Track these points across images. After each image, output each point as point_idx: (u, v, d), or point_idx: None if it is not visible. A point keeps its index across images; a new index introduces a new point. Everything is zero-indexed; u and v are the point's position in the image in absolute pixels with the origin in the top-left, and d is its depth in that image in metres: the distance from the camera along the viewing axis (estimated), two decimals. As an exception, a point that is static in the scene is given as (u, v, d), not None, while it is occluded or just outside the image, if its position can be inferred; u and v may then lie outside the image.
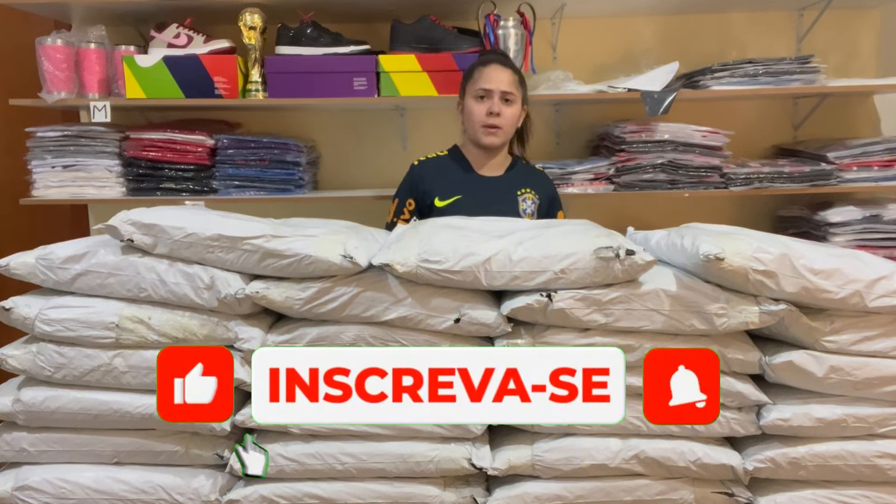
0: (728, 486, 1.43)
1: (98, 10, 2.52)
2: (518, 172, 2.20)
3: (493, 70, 2.08)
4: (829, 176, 2.48)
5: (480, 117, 2.07)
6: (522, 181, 2.17)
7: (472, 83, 2.10)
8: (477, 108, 2.08)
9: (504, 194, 2.13)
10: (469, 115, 2.11)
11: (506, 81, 2.07)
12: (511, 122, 2.10)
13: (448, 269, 1.37)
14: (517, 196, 2.13)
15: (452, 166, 2.17)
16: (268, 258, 1.40)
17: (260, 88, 2.46)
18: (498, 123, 2.06)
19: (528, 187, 2.15)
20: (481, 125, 2.07)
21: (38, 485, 1.46)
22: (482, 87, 2.06)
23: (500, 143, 2.11)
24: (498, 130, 2.08)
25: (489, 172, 2.16)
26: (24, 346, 1.48)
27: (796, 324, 1.38)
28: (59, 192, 2.49)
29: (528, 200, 2.13)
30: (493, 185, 2.14)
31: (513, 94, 2.08)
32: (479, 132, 2.09)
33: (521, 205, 2.13)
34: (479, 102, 2.08)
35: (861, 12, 2.75)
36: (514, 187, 2.15)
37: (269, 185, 2.50)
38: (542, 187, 2.19)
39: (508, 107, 2.08)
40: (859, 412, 1.40)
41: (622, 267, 1.36)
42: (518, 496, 1.41)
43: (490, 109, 2.05)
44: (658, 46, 2.75)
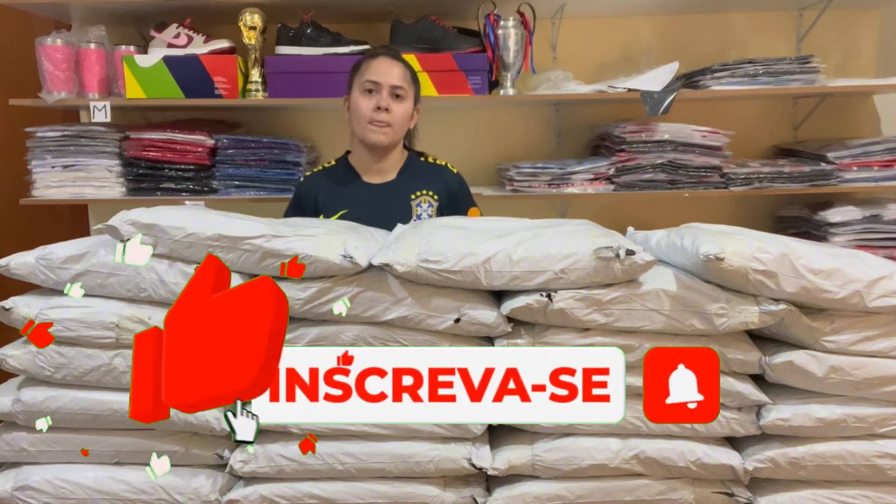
0: (728, 486, 1.43)
1: (98, 10, 2.52)
2: (413, 173, 2.03)
3: (383, 63, 1.95)
4: (829, 176, 2.48)
5: (367, 112, 1.91)
6: (418, 183, 2.01)
7: (360, 76, 1.95)
8: (364, 103, 1.92)
9: (394, 202, 1.97)
10: (355, 109, 1.94)
11: (396, 75, 1.93)
12: (401, 120, 1.95)
13: (448, 269, 1.37)
14: (410, 201, 1.98)
15: (338, 177, 2.02)
16: (268, 258, 1.40)
17: (260, 88, 2.46)
18: (387, 120, 1.91)
19: (423, 189, 2.00)
20: (368, 121, 1.91)
21: (38, 485, 1.46)
22: (370, 80, 1.92)
23: (388, 142, 1.95)
24: (386, 128, 1.92)
25: (378, 178, 2.01)
26: (24, 346, 1.48)
27: (796, 324, 1.38)
28: (59, 192, 2.49)
29: (424, 204, 1.98)
30: (383, 191, 1.98)
31: (403, 90, 1.94)
32: (366, 129, 1.92)
33: (416, 210, 1.98)
34: (366, 97, 1.92)
35: (861, 12, 2.75)
36: (408, 191, 1.99)
37: (269, 185, 2.50)
38: (441, 184, 2.02)
39: (399, 103, 1.93)
40: (859, 412, 1.40)
41: (622, 267, 1.36)
42: (518, 496, 1.41)
43: (378, 104, 1.90)
44: (658, 46, 2.75)
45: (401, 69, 1.97)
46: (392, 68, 1.95)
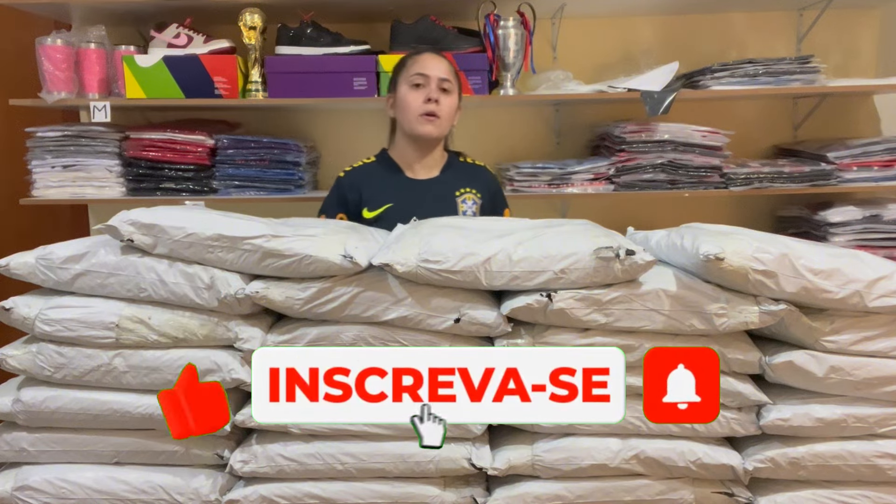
0: (728, 486, 1.43)
1: (98, 10, 2.52)
2: (456, 171, 2.05)
3: (429, 58, 1.98)
4: (829, 176, 2.48)
5: (417, 105, 1.93)
6: (462, 180, 2.03)
7: (406, 71, 1.98)
8: (413, 96, 1.94)
9: (441, 197, 1.99)
10: (404, 104, 1.96)
11: (443, 69, 1.97)
12: (449, 114, 1.97)
13: (448, 269, 1.37)
14: (456, 198, 2.00)
15: (381, 172, 2.03)
16: (268, 258, 1.40)
17: (260, 88, 2.46)
18: (436, 111, 1.93)
19: (468, 187, 2.02)
20: (418, 114, 1.93)
21: (38, 485, 1.46)
22: (418, 73, 1.94)
23: (437, 133, 1.96)
24: (436, 120, 1.94)
25: (423, 174, 2.02)
26: (24, 346, 1.48)
27: (796, 324, 1.38)
28: (59, 192, 2.49)
29: (469, 201, 2.00)
30: (428, 188, 2.00)
31: (450, 83, 1.97)
32: (416, 122, 1.94)
33: (461, 206, 1.99)
34: (415, 90, 1.94)
35: (861, 12, 2.75)
36: (453, 188, 2.01)
37: (269, 185, 2.51)
38: (483, 184, 2.05)
39: (446, 96, 1.96)
40: (859, 412, 1.40)
41: (622, 267, 1.36)
42: (518, 496, 1.41)
43: (428, 96, 1.93)
44: (658, 46, 2.75)
45: (446, 64, 2.01)
46: (439, 62, 1.99)
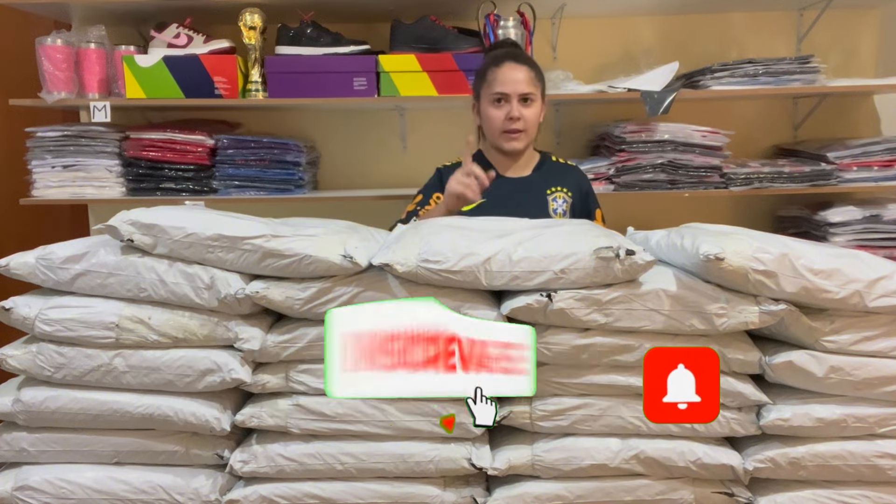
0: (728, 486, 1.43)
1: (98, 10, 2.52)
2: (547, 170, 2.08)
3: (508, 70, 1.96)
4: (829, 176, 2.48)
5: (499, 122, 1.96)
6: (553, 179, 2.06)
7: (487, 87, 1.98)
8: (495, 114, 1.96)
9: (532, 195, 2.02)
10: (488, 121, 1.99)
11: (523, 81, 1.95)
12: (533, 123, 1.99)
13: (448, 269, 1.37)
14: (546, 196, 2.02)
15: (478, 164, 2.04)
16: (268, 258, 1.40)
17: (260, 88, 2.46)
18: (519, 127, 1.95)
19: (559, 185, 2.04)
20: (501, 131, 1.97)
21: (38, 485, 1.46)
22: (499, 91, 1.95)
23: (523, 147, 2.00)
24: (520, 134, 1.96)
25: (515, 173, 2.06)
26: (24, 346, 1.48)
27: (796, 324, 1.38)
28: (59, 192, 2.49)
29: (560, 199, 2.02)
30: (520, 186, 2.04)
31: (532, 94, 1.96)
32: (500, 138, 1.98)
33: (552, 204, 2.02)
34: (496, 107, 1.96)
35: (861, 12, 2.75)
36: (544, 186, 2.04)
37: (269, 185, 2.51)
38: (574, 183, 2.07)
39: (528, 108, 1.96)
40: (859, 412, 1.40)
41: (622, 267, 1.36)
42: (518, 496, 1.41)
43: (510, 115, 1.94)
44: (658, 46, 2.76)
45: (525, 73, 1.97)
46: (518, 74, 1.95)
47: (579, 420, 1.41)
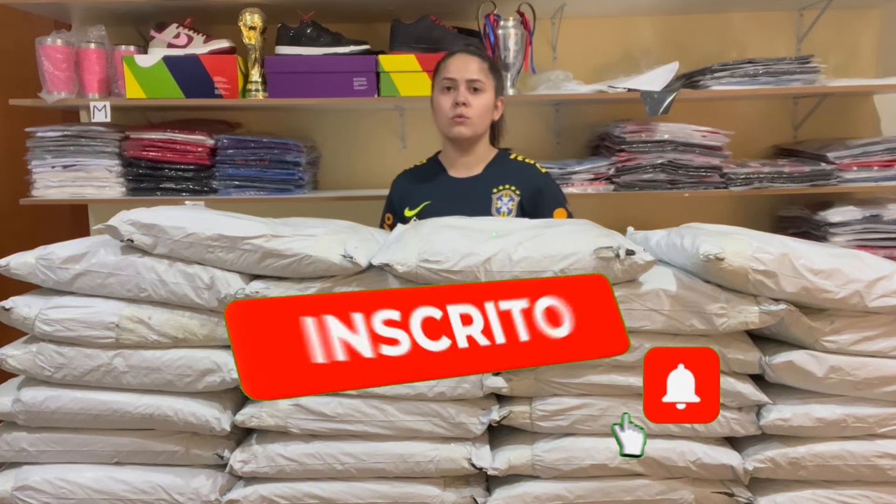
0: (728, 486, 1.43)
1: (98, 10, 2.52)
2: (500, 168, 2.05)
3: (458, 59, 1.98)
4: (829, 176, 2.48)
5: (446, 109, 1.96)
6: (503, 177, 2.03)
7: (438, 76, 2.00)
8: (443, 100, 1.97)
9: (476, 194, 2.00)
10: (436, 108, 2.00)
11: (473, 69, 1.96)
12: (481, 112, 1.97)
13: (448, 268, 1.37)
14: (491, 195, 2.00)
15: (427, 173, 2.08)
16: (268, 258, 1.40)
17: (260, 88, 2.46)
18: (465, 113, 1.94)
19: (506, 183, 2.01)
20: (448, 117, 1.96)
21: (38, 485, 1.46)
22: (446, 77, 1.96)
23: (469, 133, 1.97)
24: (466, 120, 1.95)
25: (463, 173, 2.04)
26: (24, 346, 1.48)
27: (796, 324, 1.38)
28: (59, 192, 2.49)
29: (505, 198, 1.99)
30: (466, 185, 2.02)
31: (481, 82, 1.95)
32: (446, 124, 1.98)
33: (496, 203, 2.00)
34: (444, 94, 1.97)
35: (861, 12, 2.75)
36: (490, 185, 2.01)
37: (269, 185, 2.51)
38: (525, 181, 2.03)
39: (477, 96, 1.95)
40: (859, 412, 1.40)
41: (622, 267, 1.36)
42: (518, 496, 1.41)
43: (456, 100, 1.94)
44: (658, 46, 2.75)
45: (477, 63, 1.99)
46: (468, 63, 1.98)
47: (579, 420, 1.41)
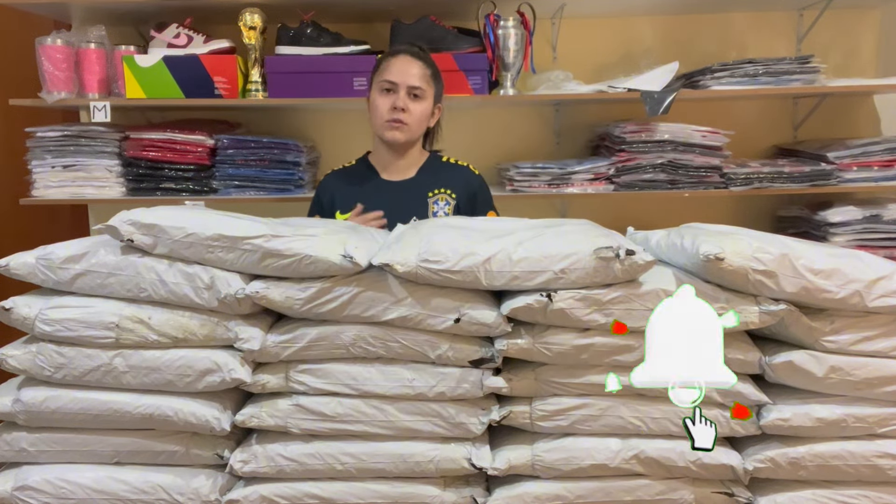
0: (728, 486, 1.43)
1: (98, 10, 2.52)
2: (433, 172, 2.05)
3: (401, 62, 1.96)
4: (829, 176, 2.48)
5: (384, 111, 1.94)
6: (436, 181, 2.03)
7: (378, 75, 1.97)
8: (381, 102, 1.95)
9: (412, 199, 1.99)
10: (373, 108, 1.98)
11: (414, 75, 1.94)
12: (418, 119, 1.97)
13: (448, 269, 1.37)
14: (428, 199, 2.00)
15: (358, 175, 2.05)
16: (268, 258, 1.40)
17: (260, 88, 2.46)
18: (403, 119, 1.93)
19: (441, 187, 2.01)
20: (384, 120, 1.94)
21: (38, 485, 1.46)
22: (387, 80, 1.94)
23: (404, 139, 1.97)
24: (402, 126, 1.94)
25: (397, 176, 2.03)
26: (24, 346, 1.48)
27: (796, 324, 1.38)
28: (59, 192, 2.49)
29: (441, 202, 1.99)
30: (401, 189, 2.00)
31: (421, 89, 1.95)
32: (382, 127, 1.96)
33: (433, 207, 1.99)
34: (383, 96, 1.95)
35: (861, 12, 2.75)
36: (425, 189, 2.01)
37: (269, 185, 2.51)
38: (459, 184, 2.03)
39: (416, 103, 1.95)
40: (859, 412, 1.40)
41: (622, 267, 1.36)
42: (518, 496, 1.41)
43: (394, 104, 1.93)
44: (658, 46, 2.76)
45: (420, 68, 1.97)
46: (410, 67, 1.96)
47: (579, 420, 1.41)
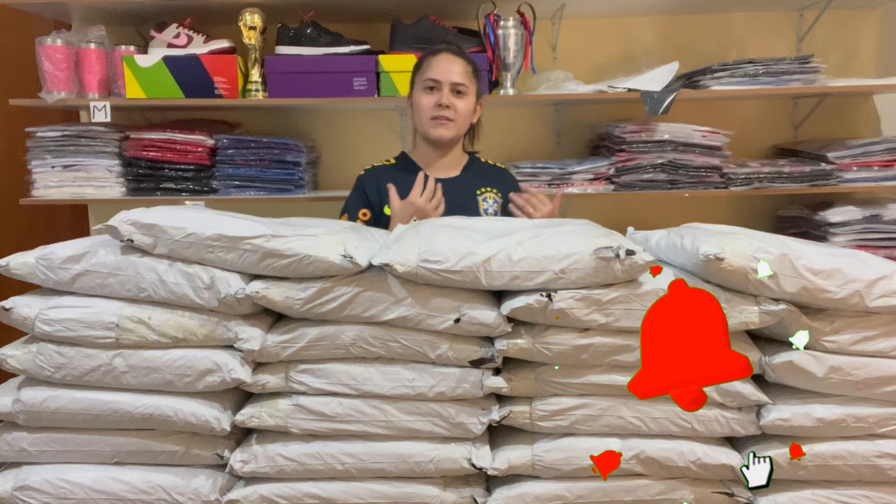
0: (728, 486, 1.43)
1: (98, 10, 2.52)
2: (477, 171, 2.08)
3: (443, 60, 1.98)
4: (829, 176, 2.48)
5: (429, 109, 1.96)
6: (483, 180, 2.06)
7: (421, 74, 2.00)
8: (425, 100, 1.97)
9: (462, 196, 2.00)
10: (417, 107, 1.99)
11: (457, 72, 1.96)
12: (464, 116, 1.99)
13: (448, 268, 1.37)
14: (477, 196, 2.02)
15: (402, 171, 2.03)
16: (268, 258, 1.40)
17: (260, 88, 2.46)
18: (448, 115, 1.95)
19: (489, 186, 2.04)
20: (430, 117, 1.96)
21: (38, 485, 1.46)
22: (430, 78, 1.96)
23: (450, 136, 1.98)
24: (448, 123, 1.96)
25: (443, 174, 2.03)
26: (24, 346, 1.48)
27: (796, 324, 1.38)
28: (59, 192, 2.49)
29: (490, 200, 2.01)
30: (451, 185, 1.99)
31: (465, 86, 1.97)
32: (428, 125, 1.97)
33: (482, 204, 2.01)
34: (427, 94, 1.97)
35: (861, 12, 2.75)
36: (474, 187, 2.03)
37: (269, 185, 2.51)
38: (503, 185, 2.07)
39: (460, 99, 1.97)
40: (859, 412, 1.40)
41: (622, 267, 1.36)
42: (518, 496, 1.41)
43: (439, 101, 1.94)
44: (658, 46, 2.76)
45: (461, 65, 1.99)
46: (452, 65, 1.97)
47: (579, 420, 1.41)
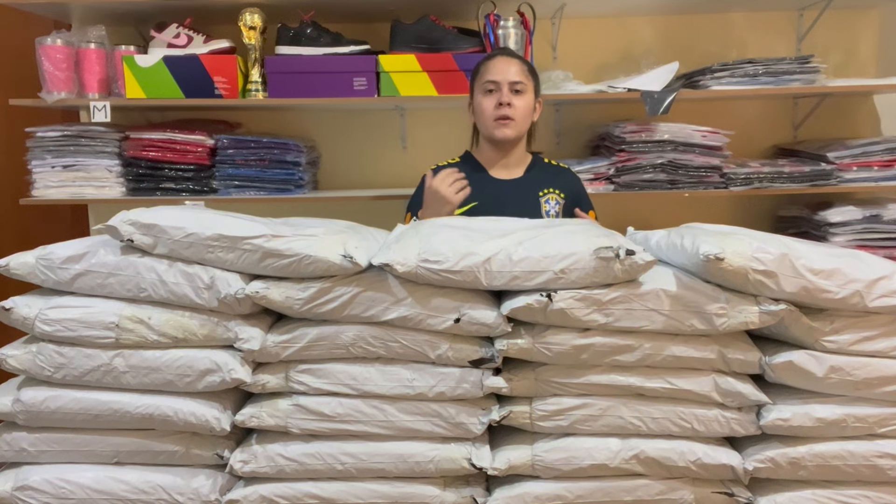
0: (728, 486, 1.43)
1: (98, 10, 2.52)
2: (539, 171, 2.10)
3: (500, 62, 2.03)
4: (829, 176, 2.48)
5: (490, 111, 1.99)
6: (545, 181, 2.08)
7: (480, 78, 2.04)
8: (486, 102, 2.00)
9: (524, 197, 2.04)
10: (479, 111, 2.03)
11: (514, 71, 2.00)
12: (524, 113, 2.01)
13: (448, 269, 1.37)
14: (539, 197, 2.04)
15: (466, 171, 2.02)
16: (268, 258, 1.40)
17: (260, 88, 2.46)
18: (510, 114, 1.98)
19: (551, 187, 2.06)
20: (493, 119, 2.00)
21: (38, 485, 1.46)
22: (489, 80, 2.00)
23: (514, 135, 2.01)
24: (510, 122, 1.99)
25: (507, 175, 2.07)
26: (24, 346, 1.48)
27: (796, 324, 1.38)
28: (59, 192, 2.49)
29: (552, 201, 2.04)
30: (512, 187, 2.05)
31: (523, 84, 2.00)
32: (491, 126, 2.01)
33: (544, 206, 2.03)
34: (487, 96, 2.00)
35: (861, 12, 2.75)
36: (536, 188, 2.06)
37: (269, 185, 2.51)
38: (567, 186, 2.09)
39: (519, 97, 2.00)
40: (859, 412, 1.40)
41: (622, 267, 1.36)
42: (518, 496, 1.41)
43: (500, 100, 1.98)
44: (658, 46, 2.76)
45: (518, 65, 2.03)
46: (509, 66, 2.01)
47: (579, 420, 1.41)
